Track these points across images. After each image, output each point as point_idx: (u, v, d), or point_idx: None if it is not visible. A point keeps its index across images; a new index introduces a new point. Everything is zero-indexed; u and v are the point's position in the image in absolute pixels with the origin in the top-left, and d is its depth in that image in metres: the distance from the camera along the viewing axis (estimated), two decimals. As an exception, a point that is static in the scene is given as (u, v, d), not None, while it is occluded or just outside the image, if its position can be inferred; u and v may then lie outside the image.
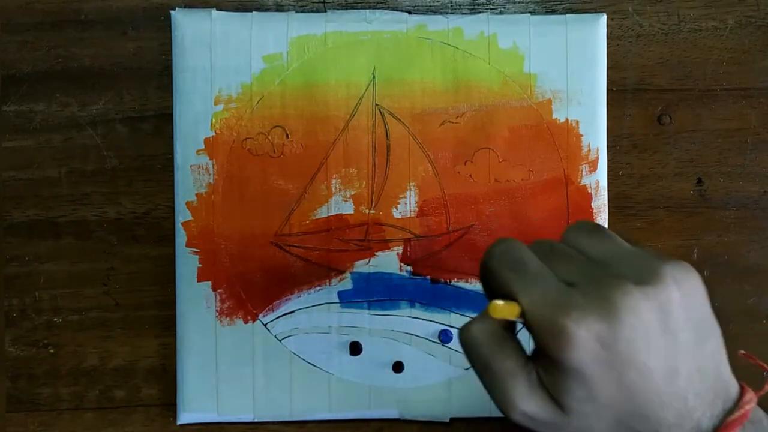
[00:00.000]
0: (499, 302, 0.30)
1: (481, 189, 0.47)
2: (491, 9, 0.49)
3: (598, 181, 0.48)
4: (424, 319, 0.47)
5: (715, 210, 0.49)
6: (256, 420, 0.47)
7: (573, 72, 0.47)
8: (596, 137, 0.48)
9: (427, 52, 0.47)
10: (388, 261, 0.47)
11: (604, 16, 0.48)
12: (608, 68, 0.48)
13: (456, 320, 0.47)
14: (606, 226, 0.48)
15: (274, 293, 0.47)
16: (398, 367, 0.47)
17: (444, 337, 0.47)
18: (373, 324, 0.47)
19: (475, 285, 0.48)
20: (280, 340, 0.47)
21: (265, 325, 0.47)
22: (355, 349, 0.47)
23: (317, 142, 0.47)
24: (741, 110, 0.49)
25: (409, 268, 0.47)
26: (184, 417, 0.47)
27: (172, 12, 0.47)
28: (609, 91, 0.48)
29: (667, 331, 0.30)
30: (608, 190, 0.48)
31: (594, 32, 0.47)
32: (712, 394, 0.31)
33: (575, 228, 0.34)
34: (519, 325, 0.32)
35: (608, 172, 0.48)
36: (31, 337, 0.48)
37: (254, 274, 0.47)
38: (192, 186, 0.47)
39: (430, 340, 0.47)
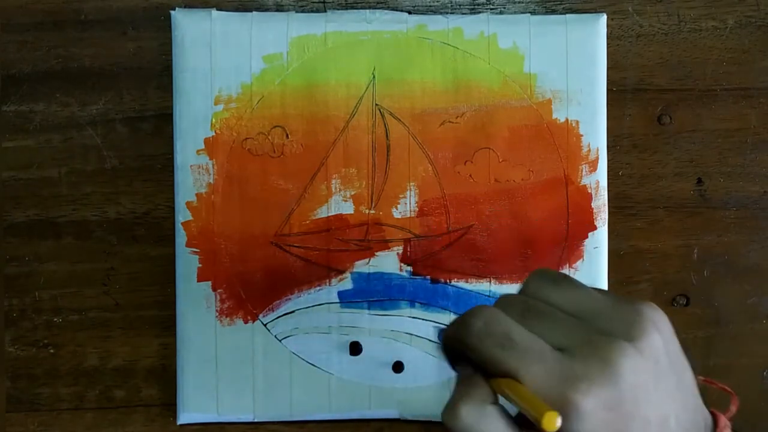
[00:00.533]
0: (555, 413, 0.28)
1: (481, 189, 0.47)
2: (491, 9, 0.48)
3: (598, 181, 0.48)
4: (424, 319, 0.47)
5: (715, 210, 0.49)
6: (256, 420, 0.47)
7: (573, 72, 0.47)
8: (596, 137, 0.48)
9: (427, 52, 0.47)
10: (388, 261, 0.47)
11: (604, 16, 0.48)
12: (608, 68, 0.48)
13: (456, 320, 0.47)
14: (606, 226, 0.48)
15: (274, 293, 0.47)
16: (398, 367, 0.47)
17: (444, 337, 0.47)
18: (373, 324, 0.47)
19: (475, 285, 0.48)
20: (280, 340, 0.47)
21: (265, 325, 0.47)
22: (355, 349, 0.47)
23: (317, 142, 0.47)
24: (741, 110, 0.49)
25: (409, 268, 0.47)
26: (184, 417, 0.47)
27: (172, 12, 0.47)
28: (609, 91, 0.48)
29: (659, 379, 0.30)
30: (608, 190, 0.48)
31: (594, 32, 0.47)
32: (695, 426, 0.32)
33: (539, 279, 0.33)
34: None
35: (608, 172, 0.48)
36: (31, 337, 0.48)
37: (254, 274, 0.47)
38: (192, 186, 0.47)
39: (430, 340, 0.47)
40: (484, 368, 0.31)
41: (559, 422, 0.28)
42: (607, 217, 0.48)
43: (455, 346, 0.32)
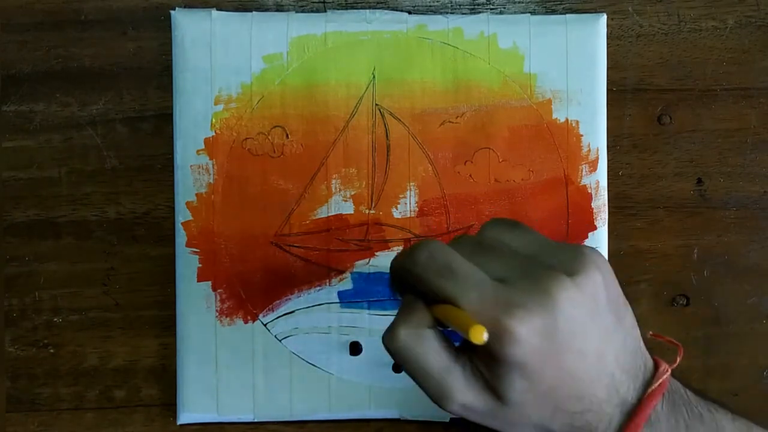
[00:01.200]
0: (481, 327, 0.29)
1: (481, 189, 0.47)
2: (491, 9, 0.49)
3: (598, 181, 0.48)
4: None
5: (715, 210, 0.49)
6: (256, 420, 0.47)
7: (573, 72, 0.47)
8: (596, 137, 0.48)
9: (427, 52, 0.47)
10: (388, 261, 0.47)
11: (604, 16, 0.48)
12: (608, 68, 0.48)
13: (456, 320, 0.47)
14: (606, 226, 0.48)
15: (274, 293, 0.47)
16: (398, 367, 0.47)
17: (444, 337, 0.47)
18: (373, 324, 0.47)
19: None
20: (280, 340, 0.47)
21: (265, 325, 0.47)
22: (355, 349, 0.47)
23: (317, 142, 0.47)
24: (741, 110, 0.49)
25: (409, 268, 0.47)
26: (184, 417, 0.47)
27: (172, 12, 0.47)
28: (609, 91, 0.48)
29: (596, 315, 0.31)
30: (608, 190, 0.48)
31: (594, 32, 0.47)
32: (634, 367, 0.33)
33: (494, 223, 0.35)
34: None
35: (608, 172, 0.48)
36: (31, 337, 0.48)
37: (254, 274, 0.47)
38: (192, 186, 0.47)
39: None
40: (427, 297, 0.32)
41: (485, 336, 0.29)
42: (607, 217, 0.48)
43: (402, 276, 0.33)
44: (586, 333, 0.31)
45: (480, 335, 0.29)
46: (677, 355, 0.36)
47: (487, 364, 0.31)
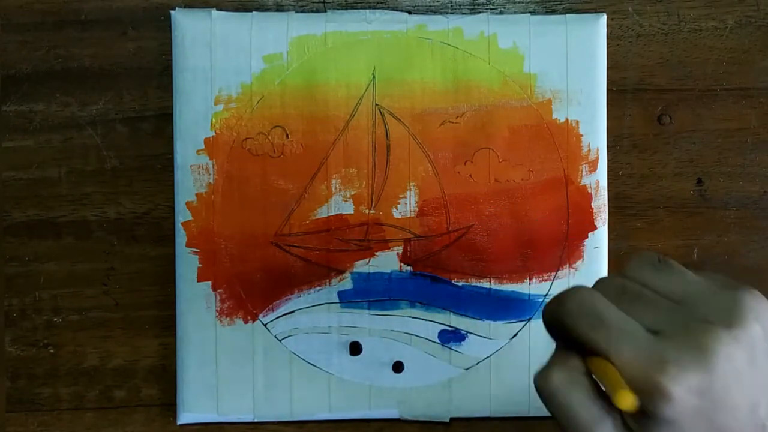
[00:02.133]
0: (629, 395, 0.28)
1: (481, 189, 0.47)
2: (491, 9, 0.49)
3: (598, 181, 0.48)
4: (424, 319, 0.47)
5: (715, 210, 0.49)
6: (256, 420, 0.47)
7: (573, 72, 0.47)
8: (596, 137, 0.48)
9: (427, 52, 0.47)
10: (388, 261, 0.47)
11: (604, 16, 0.48)
12: (608, 68, 0.48)
13: (456, 320, 0.47)
14: (606, 226, 0.48)
15: (274, 293, 0.47)
16: (398, 367, 0.47)
17: (444, 337, 0.47)
18: (373, 324, 0.47)
19: (475, 285, 0.48)
20: (280, 340, 0.47)
21: (265, 325, 0.47)
22: (355, 349, 0.47)
23: (317, 142, 0.47)
24: (741, 110, 0.49)
25: (409, 268, 0.47)
26: (184, 417, 0.47)
27: (172, 12, 0.47)
28: (609, 91, 0.48)
29: (753, 367, 0.30)
30: (608, 190, 0.48)
31: (594, 32, 0.47)
32: None
33: (639, 261, 0.33)
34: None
35: (608, 172, 0.48)
36: (31, 337, 0.48)
37: (254, 274, 0.47)
38: (192, 186, 0.47)
39: (430, 340, 0.47)
40: (580, 346, 0.31)
41: (632, 402, 0.28)
42: (607, 217, 0.48)
43: (554, 324, 0.32)
44: (742, 387, 0.29)
45: (626, 401, 0.28)
46: None
47: (637, 419, 0.30)
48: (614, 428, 0.30)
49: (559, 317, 0.31)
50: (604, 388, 0.30)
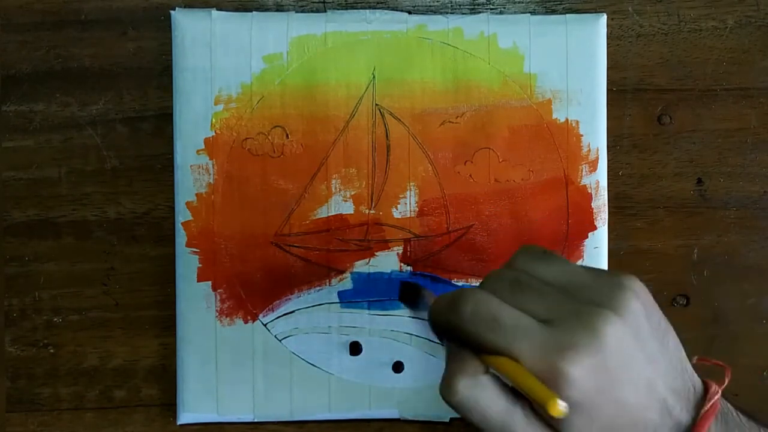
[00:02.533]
0: (562, 404, 0.29)
1: (481, 189, 0.47)
2: (491, 9, 0.49)
3: (598, 181, 0.48)
4: (424, 319, 0.47)
5: (715, 210, 0.49)
6: (256, 420, 0.47)
7: (573, 72, 0.47)
8: (596, 137, 0.48)
9: (427, 52, 0.47)
10: (388, 261, 0.47)
11: (604, 16, 0.48)
12: (608, 68, 0.48)
13: (456, 320, 0.47)
14: (606, 226, 0.48)
15: (274, 293, 0.47)
16: (398, 367, 0.47)
17: (444, 337, 0.47)
18: (373, 324, 0.47)
19: (475, 285, 0.47)
20: (280, 340, 0.47)
21: (265, 325, 0.47)
22: (355, 349, 0.47)
23: (317, 142, 0.47)
24: (741, 110, 0.49)
25: (409, 268, 0.47)
26: (184, 417, 0.47)
27: (172, 12, 0.47)
28: (609, 91, 0.48)
29: (641, 343, 0.32)
30: (608, 190, 0.48)
31: (594, 32, 0.47)
32: (684, 389, 0.33)
33: (526, 253, 0.35)
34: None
35: (608, 172, 0.48)
36: (31, 337, 0.48)
37: (254, 274, 0.47)
38: (192, 186, 0.47)
39: (430, 340, 0.47)
40: (473, 345, 0.32)
41: (564, 408, 0.29)
42: (607, 217, 0.48)
43: (445, 327, 0.33)
44: (634, 363, 0.31)
45: (558, 408, 0.29)
46: (725, 377, 0.36)
47: None
48: (525, 416, 0.32)
49: (453, 323, 0.32)
50: (506, 382, 0.31)
